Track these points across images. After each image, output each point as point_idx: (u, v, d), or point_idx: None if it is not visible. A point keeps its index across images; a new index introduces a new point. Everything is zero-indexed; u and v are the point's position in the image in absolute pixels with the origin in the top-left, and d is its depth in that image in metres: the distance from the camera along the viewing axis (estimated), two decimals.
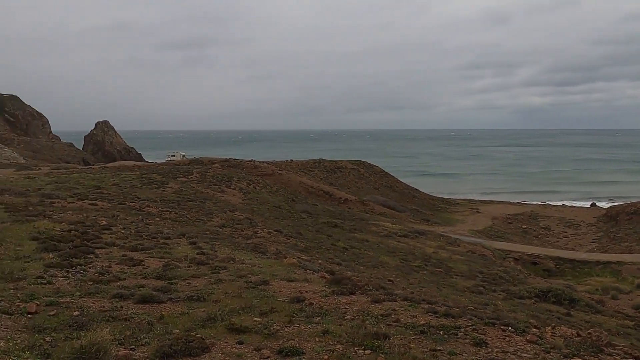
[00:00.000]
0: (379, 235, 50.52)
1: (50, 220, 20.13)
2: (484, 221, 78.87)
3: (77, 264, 11.81)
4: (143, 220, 25.01)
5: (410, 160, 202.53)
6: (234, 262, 13.55)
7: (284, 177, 77.98)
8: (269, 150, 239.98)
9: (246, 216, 37.60)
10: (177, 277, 11.32)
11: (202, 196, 44.01)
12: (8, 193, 30.92)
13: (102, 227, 19.55)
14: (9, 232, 15.57)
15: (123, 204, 31.45)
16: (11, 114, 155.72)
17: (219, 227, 29.06)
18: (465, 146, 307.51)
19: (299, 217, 48.90)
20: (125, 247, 14.73)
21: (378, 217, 68.77)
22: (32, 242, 14.33)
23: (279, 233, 32.31)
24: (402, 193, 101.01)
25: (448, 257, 43.35)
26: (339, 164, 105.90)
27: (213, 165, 68.52)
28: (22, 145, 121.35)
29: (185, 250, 15.25)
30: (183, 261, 13.25)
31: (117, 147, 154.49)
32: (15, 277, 10.22)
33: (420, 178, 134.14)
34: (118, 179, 48.67)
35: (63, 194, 33.27)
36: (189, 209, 33.86)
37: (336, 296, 9.91)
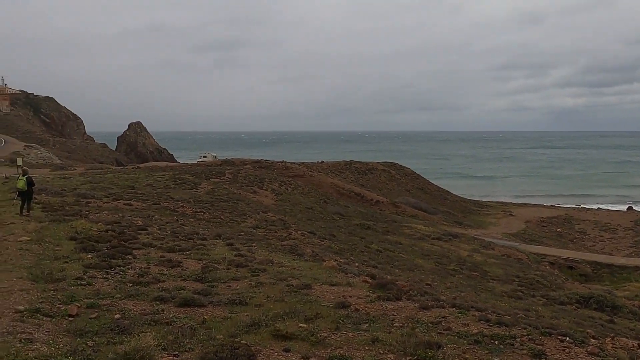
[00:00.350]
0: (412, 237, 49.89)
1: (87, 220, 20.16)
2: (518, 224, 77.42)
3: (115, 265, 11.65)
4: (178, 220, 24.96)
5: (442, 162, 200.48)
6: (272, 264, 13.26)
7: (315, 179, 77.69)
8: (300, 151, 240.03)
9: (279, 217, 37.37)
10: (217, 280, 11.06)
11: (234, 197, 43.97)
12: (45, 193, 31.25)
13: (138, 227, 19.49)
14: (47, 232, 15.56)
15: (157, 204, 31.51)
16: (47, 115, 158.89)
17: (253, 228, 28.88)
18: (497, 148, 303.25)
19: (331, 218, 48.56)
20: (162, 248, 14.56)
21: (410, 219, 68.01)
22: (70, 242, 14.27)
23: (313, 235, 32.00)
24: (434, 195, 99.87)
25: (483, 261, 42.56)
26: (370, 166, 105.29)
27: (245, 166, 68.61)
28: (58, 146, 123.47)
29: (222, 251, 15.02)
30: (221, 263, 13.00)
31: (150, 147, 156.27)
32: (55, 278, 10.09)
33: (451, 180, 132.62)
34: (151, 180, 48.96)
35: (98, 194, 33.50)
36: (222, 210, 33.78)
37: (382, 302, 9.52)
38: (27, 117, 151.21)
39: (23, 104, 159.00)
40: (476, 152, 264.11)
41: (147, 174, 55.61)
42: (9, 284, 9.57)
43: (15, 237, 14.51)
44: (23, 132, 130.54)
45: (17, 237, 14.34)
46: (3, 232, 15.17)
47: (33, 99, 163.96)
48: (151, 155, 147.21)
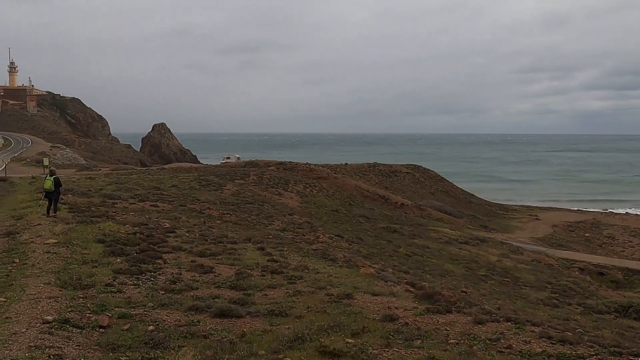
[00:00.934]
0: (439, 241, 48.99)
1: (114, 222, 19.77)
2: (544, 229, 75.86)
3: (146, 270, 11.12)
4: (205, 223, 24.50)
5: (466, 164, 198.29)
6: (308, 271, 12.62)
7: (339, 181, 76.97)
8: (323, 153, 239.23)
9: (305, 220, 36.81)
10: (252, 287, 10.46)
11: (260, 199, 43.53)
12: (71, 193, 31.08)
13: (166, 229, 19.02)
14: (74, 234, 15.13)
15: (184, 205, 31.13)
16: (73, 116, 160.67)
17: (280, 231, 28.33)
18: (522, 151, 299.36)
19: (357, 221, 47.84)
20: (193, 252, 14.01)
21: (436, 223, 67.00)
22: (98, 245, 13.81)
23: (340, 238, 31.38)
24: (458, 198, 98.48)
25: (513, 266, 41.51)
26: (394, 168, 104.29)
27: (269, 168, 68.16)
28: (83, 147, 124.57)
29: (254, 256, 14.43)
30: (255, 269, 12.41)
31: (173, 149, 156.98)
32: (84, 284, 9.57)
33: (476, 183, 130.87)
34: (176, 181, 48.78)
35: (124, 194, 33.27)
36: (248, 212, 33.31)
37: (432, 315, 8.82)
38: (53, 118, 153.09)
39: (49, 104, 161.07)
40: (501, 155, 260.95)
41: (171, 175, 55.50)
42: (37, 291, 9.09)
43: (42, 239, 14.09)
44: (49, 132, 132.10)
45: (44, 240, 13.92)
46: (30, 234, 14.77)
47: (59, 100, 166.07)
48: (174, 157, 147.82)
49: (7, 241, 14.50)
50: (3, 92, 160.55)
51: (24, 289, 9.24)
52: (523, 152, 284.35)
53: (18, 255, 12.23)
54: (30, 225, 17.28)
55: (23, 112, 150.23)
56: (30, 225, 17.31)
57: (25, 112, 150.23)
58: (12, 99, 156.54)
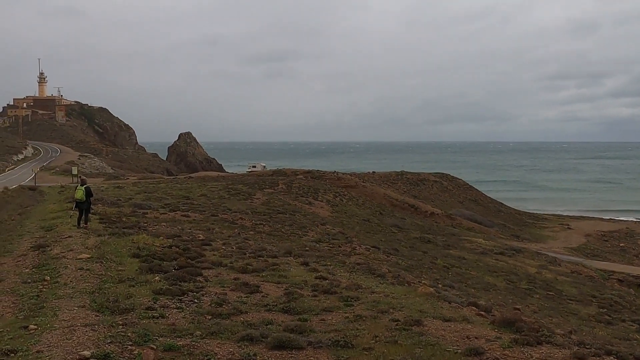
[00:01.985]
0: (475, 252, 47.46)
1: (147, 233, 18.89)
2: (577, 238, 73.61)
3: (187, 290, 10.08)
4: (240, 234, 23.52)
5: (493, 172, 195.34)
6: (362, 290, 11.47)
7: (368, 189, 75.70)
8: (348, 161, 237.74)
9: (338, 230, 35.75)
10: (306, 311, 9.34)
11: (290, 208, 42.57)
12: (101, 203, 30.45)
13: (201, 242, 18.05)
14: (107, 247, 14.20)
15: (215, 215, 30.25)
16: (100, 126, 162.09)
17: (316, 242, 27.27)
18: (549, 159, 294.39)
19: (389, 231, 46.56)
20: (234, 268, 12.96)
21: (467, 233, 65.37)
22: (133, 260, 12.84)
23: (377, 250, 30.19)
24: (487, 207, 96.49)
25: (553, 278, 39.84)
26: (422, 177, 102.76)
27: (297, 177, 67.26)
28: (110, 156, 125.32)
29: (299, 272, 13.33)
30: (304, 288, 11.29)
31: (199, 157, 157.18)
32: (122, 308, 8.56)
33: (503, 191, 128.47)
34: (205, 190, 48.15)
35: (154, 204, 32.55)
36: (281, 222, 32.33)
37: (521, 347, 7.61)
38: (81, 128, 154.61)
39: (78, 114, 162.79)
40: (528, 162, 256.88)
41: (199, 184, 54.93)
42: (71, 317, 8.09)
43: (74, 253, 13.18)
44: (77, 141, 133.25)
45: (77, 254, 13.00)
46: (61, 248, 13.87)
47: (87, 109, 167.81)
48: (200, 165, 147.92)
49: (37, 255, 13.62)
50: (33, 102, 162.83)
51: (56, 313, 8.26)
52: (551, 160, 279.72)
53: (49, 272, 11.31)
54: (61, 237, 16.44)
55: (52, 121, 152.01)
56: (61, 237, 16.47)
57: (54, 121, 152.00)
58: (42, 109, 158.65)
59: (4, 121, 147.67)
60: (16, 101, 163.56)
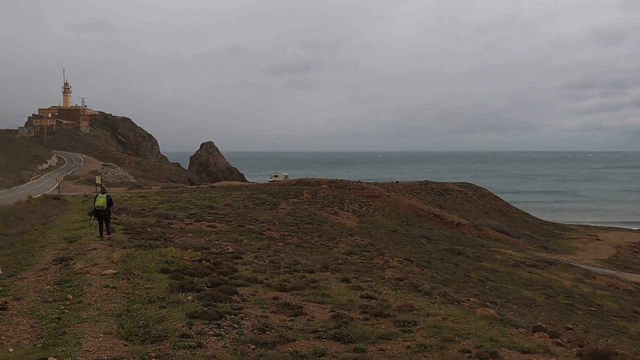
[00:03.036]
0: (506, 264, 45.93)
1: (174, 245, 17.91)
2: (607, 249, 71.39)
3: (224, 313, 8.97)
4: (270, 246, 22.44)
5: (519, 182, 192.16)
6: (415, 311, 10.27)
7: (392, 199, 74.38)
8: (370, 170, 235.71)
9: (368, 242, 34.54)
10: (361, 339, 8.16)
11: (317, 218, 41.49)
12: (125, 212, 29.67)
13: (231, 255, 16.98)
14: (134, 262, 13.18)
15: (242, 226, 29.25)
16: (123, 135, 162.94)
17: (347, 254, 26.12)
18: (574, 168, 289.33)
19: (418, 242, 45.22)
20: (271, 286, 11.83)
21: (496, 244, 63.72)
22: (162, 276, 11.79)
23: (410, 262, 28.92)
24: (513, 217, 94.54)
25: (591, 292, 38.19)
26: (446, 186, 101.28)
27: (321, 186, 66.21)
28: (133, 165, 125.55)
29: (342, 290, 12.15)
30: (352, 309, 10.13)
31: (221, 167, 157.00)
32: (154, 335, 7.47)
33: (529, 201, 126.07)
34: (229, 199, 47.35)
35: (179, 214, 31.70)
36: (310, 233, 31.23)
37: None
38: (104, 137, 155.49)
39: (101, 124, 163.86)
40: (552, 172, 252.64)
41: (223, 194, 54.16)
42: (96, 346, 7.01)
43: (98, 268, 12.16)
44: (101, 151, 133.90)
45: (101, 269, 11.98)
46: (85, 262, 12.87)
47: (111, 119, 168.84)
48: (222, 175, 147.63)
49: (59, 270, 12.64)
50: (58, 112, 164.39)
51: (79, 342, 7.19)
52: (574, 170, 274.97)
53: (72, 290, 10.29)
54: (85, 249, 15.48)
55: (76, 131, 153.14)
56: (84, 249, 15.51)
57: (78, 131, 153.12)
58: (66, 118, 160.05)
59: (30, 131, 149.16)
60: (41, 111, 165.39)
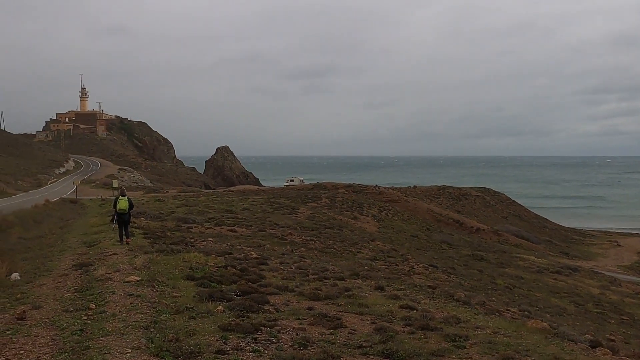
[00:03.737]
0: (530, 270, 44.92)
1: (196, 250, 17.29)
2: (629, 256, 69.91)
3: (259, 325, 8.25)
4: (293, 251, 21.74)
5: (534, 187, 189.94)
6: (462, 323, 9.50)
7: (411, 204, 73.46)
8: (386, 175, 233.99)
9: (390, 247, 33.72)
10: (412, 355, 7.39)
11: (336, 223, 40.75)
12: (144, 216, 29.16)
13: (256, 260, 16.30)
14: (158, 267, 12.53)
15: (263, 230, 28.57)
16: (139, 140, 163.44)
17: (371, 260, 25.33)
18: (591, 173, 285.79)
19: (439, 248, 44.31)
20: (303, 294, 11.11)
21: (517, 249, 62.67)
22: (188, 283, 11.12)
23: (435, 268, 28.06)
24: (532, 223, 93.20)
25: (619, 300, 37.08)
26: (464, 191, 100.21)
27: (339, 191, 65.47)
28: (149, 169, 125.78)
29: (378, 299, 11.40)
30: (394, 321, 9.37)
31: (236, 171, 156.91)
32: (187, 351, 6.76)
33: (546, 206, 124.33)
34: (247, 203, 46.83)
35: (198, 218, 31.12)
36: (332, 238, 30.50)
37: None
38: (121, 142, 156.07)
39: (118, 128, 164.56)
40: (569, 177, 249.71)
41: (240, 198, 53.67)
42: None
43: (121, 275, 11.51)
44: (117, 155, 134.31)
45: (124, 276, 11.33)
46: (106, 268, 12.23)
47: (127, 124, 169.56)
48: (237, 179, 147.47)
49: (80, 276, 12.02)
50: (75, 116, 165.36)
51: (105, 358, 6.51)
52: (592, 175, 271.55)
53: (94, 298, 9.63)
54: (105, 254, 14.87)
55: (93, 135, 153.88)
56: (105, 254, 14.91)
57: (95, 135, 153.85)
58: (83, 123, 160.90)
59: (47, 135, 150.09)
60: (59, 115, 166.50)
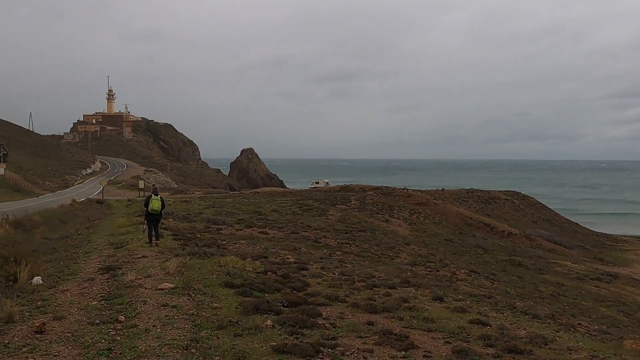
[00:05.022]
0: (569, 277, 43.03)
1: (229, 253, 16.08)
2: None
3: (317, 344, 6.95)
4: (331, 255, 20.43)
5: (561, 191, 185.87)
6: (550, 344, 8.09)
7: (440, 207, 71.68)
8: (412, 178, 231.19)
9: (427, 252, 32.22)
10: None
11: (368, 226, 39.36)
12: (172, 217, 28.12)
13: (295, 265, 15.02)
14: (192, 273, 11.29)
15: (295, 233, 27.31)
16: (165, 141, 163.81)
17: (410, 265, 23.91)
18: (619, 178, 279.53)
19: (474, 252, 42.61)
20: (358, 306, 9.76)
21: (552, 255, 60.57)
22: (227, 291, 9.85)
23: (477, 275, 26.53)
24: (563, 227, 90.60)
25: None
26: (492, 194, 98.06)
27: (367, 193, 64.05)
28: (174, 171, 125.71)
29: (441, 312, 10.01)
30: (470, 340, 8.00)
31: (260, 173, 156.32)
32: None
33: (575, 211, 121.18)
34: (275, 205, 45.75)
35: (228, 219, 30.00)
36: (366, 241, 29.12)
37: None
38: (147, 143, 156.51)
39: (144, 130, 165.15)
40: (601, 181, 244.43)
41: (268, 199, 52.65)
42: None
43: (153, 281, 10.27)
44: (143, 157, 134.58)
45: (156, 282, 10.09)
46: (136, 273, 11.00)
47: (153, 125, 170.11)
48: (262, 181, 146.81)
49: (106, 281, 10.84)
50: (102, 118, 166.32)
51: None
52: (620, 179, 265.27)
53: (123, 308, 8.40)
54: (134, 257, 13.70)
55: (119, 137, 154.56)
56: (133, 257, 13.73)
57: (121, 137, 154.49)
58: (110, 124, 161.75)
59: (75, 136, 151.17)
60: (86, 117, 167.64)
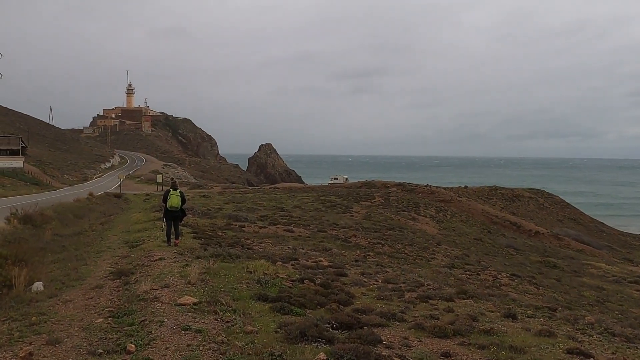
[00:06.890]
0: (607, 280, 40.69)
1: (255, 254, 14.36)
2: None
3: None
4: (366, 257, 18.62)
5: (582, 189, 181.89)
6: None
7: (464, 205, 69.59)
8: (433, 175, 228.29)
9: (461, 252, 30.30)
10: None
11: (395, 224, 37.50)
12: (191, 213, 26.51)
13: (332, 271, 13.23)
14: (217, 281, 9.55)
15: (323, 231, 25.51)
16: (184, 136, 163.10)
17: (448, 267, 22.05)
18: None
19: (506, 253, 40.53)
20: (423, 328, 7.94)
21: (583, 256, 58.21)
22: (261, 306, 8.09)
23: (519, 279, 24.60)
24: (588, 227, 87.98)
25: None
26: (516, 192, 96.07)
27: (390, 189, 62.17)
28: (193, 165, 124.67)
29: (524, 336, 8.14)
30: None
31: (279, 169, 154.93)
32: None
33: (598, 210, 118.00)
34: (296, 201, 44.12)
35: (250, 216, 28.31)
36: (398, 241, 27.24)
37: None
38: (165, 138, 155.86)
39: (163, 125, 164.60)
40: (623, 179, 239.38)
41: (288, 195, 51.07)
42: None
43: (171, 293, 8.51)
44: (162, 151, 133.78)
45: (176, 295, 8.33)
46: (152, 281, 9.26)
47: (172, 120, 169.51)
48: (280, 177, 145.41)
49: (117, 290, 9.14)
50: (121, 112, 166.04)
51: None
52: None
53: (134, 331, 6.65)
54: (150, 260, 11.99)
55: (138, 131, 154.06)
56: (149, 260, 12.03)
57: (140, 131, 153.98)
58: (129, 119, 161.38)
59: (94, 130, 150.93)
60: (105, 111, 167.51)
